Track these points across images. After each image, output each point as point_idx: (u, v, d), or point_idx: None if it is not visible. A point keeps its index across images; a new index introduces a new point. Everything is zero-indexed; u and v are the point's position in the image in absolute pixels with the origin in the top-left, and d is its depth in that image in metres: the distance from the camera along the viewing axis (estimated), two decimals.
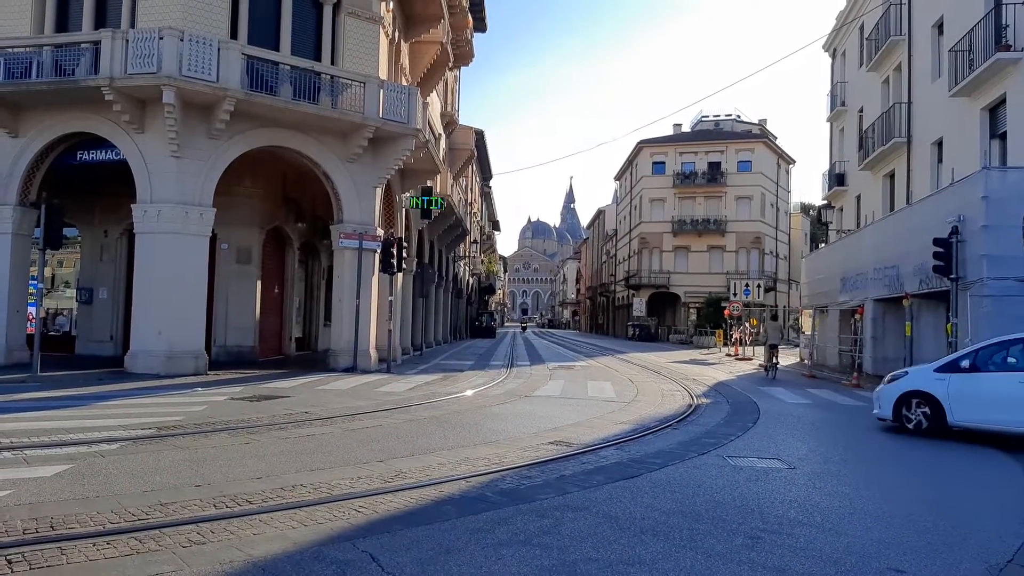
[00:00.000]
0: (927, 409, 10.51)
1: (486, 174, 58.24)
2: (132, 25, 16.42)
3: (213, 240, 17.08)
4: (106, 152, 16.42)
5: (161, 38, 14.66)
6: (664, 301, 59.04)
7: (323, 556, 4.80)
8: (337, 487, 6.44)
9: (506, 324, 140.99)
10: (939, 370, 10.50)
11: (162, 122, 15.36)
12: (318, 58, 18.11)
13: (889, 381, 11.14)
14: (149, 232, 15.64)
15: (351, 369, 17.57)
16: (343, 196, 18.07)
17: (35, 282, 16.76)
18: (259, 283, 20.73)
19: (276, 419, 9.94)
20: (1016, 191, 13.96)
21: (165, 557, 4.72)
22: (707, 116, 68.03)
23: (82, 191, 19.71)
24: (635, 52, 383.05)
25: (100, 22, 16.91)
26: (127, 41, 14.81)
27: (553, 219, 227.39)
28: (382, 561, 4.74)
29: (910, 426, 10.66)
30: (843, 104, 31.51)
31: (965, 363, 10.18)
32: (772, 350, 20.81)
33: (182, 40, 14.73)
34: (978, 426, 10.05)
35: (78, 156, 16.76)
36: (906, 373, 11.00)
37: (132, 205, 15.83)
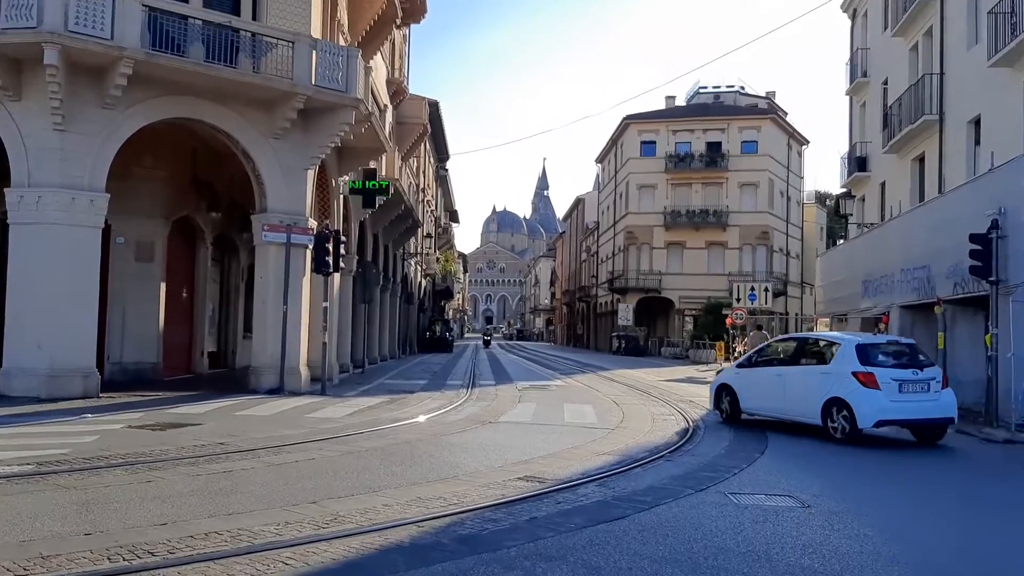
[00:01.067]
0: (731, 399, 14.71)
1: (442, 154, 58.28)
2: None
3: (106, 233, 16.83)
4: None
5: None
6: (655, 307, 59.70)
7: None
8: (260, 535, 6.38)
9: (467, 335, 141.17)
10: (739, 366, 14.68)
11: (43, 88, 15.08)
12: (236, 12, 18.00)
13: (716, 374, 15.32)
14: (26, 223, 15.35)
15: (277, 391, 17.49)
16: (267, 179, 17.96)
17: None
18: (163, 285, 20.54)
19: (185, 452, 9.87)
20: None
21: None
22: (705, 87, 68.93)
23: None
24: (626, 11, 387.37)
25: None
26: None
27: (523, 209, 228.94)
28: None
29: (721, 416, 14.99)
30: (864, 75, 32.18)
31: (753, 359, 14.34)
32: None
33: None
34: (756, 413, 14.52)
35: None
36: (723, 369, 15.18)
37: (5, 190, 15.53)
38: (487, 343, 71.39)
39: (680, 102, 69.06)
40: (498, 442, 11.65)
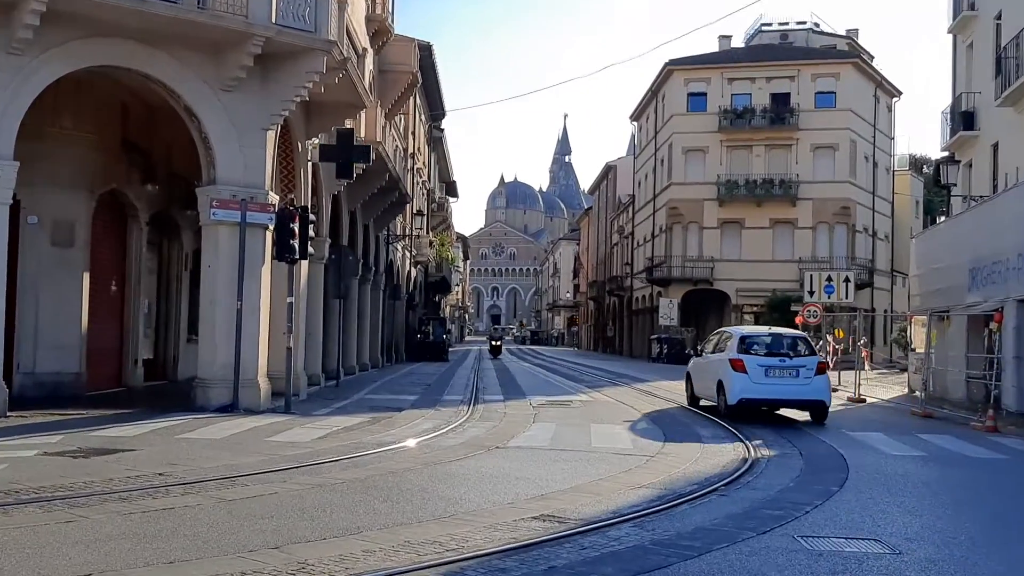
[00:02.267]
0: (689, 386, 21.07)
1: (436, 110, 58.33)
2: None
3: (15, 210, 16.87)
4: None
5: None
6: (705, 303, 59.65)
7: None
8: None
9: (468, 338, 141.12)
10: (696, 355, 20.31)
11: None
12: None
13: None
14: None
15: (230, 408, 17.53)
16: (216, 143, 17.96)
17: None
18: (87, 276, 20.56)
19: (114, 485, 9.86)
20: None
21: None
22: (769, 25, 68.66)
23: None
24: None
25: None
26: None
27: (539, 179, 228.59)
28: None
29: (687, 403, 21.69)
30: (972, 7, 31.98)
31: (700, 350, 20.04)
32: None
33: None
34: (701, 396, 20.71)
35: None
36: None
37: None
38: (495, 351, 59.92)
39: (737, 43, 68.89)
40: (507, 472, 11.66)
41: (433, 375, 35.54)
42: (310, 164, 22.70)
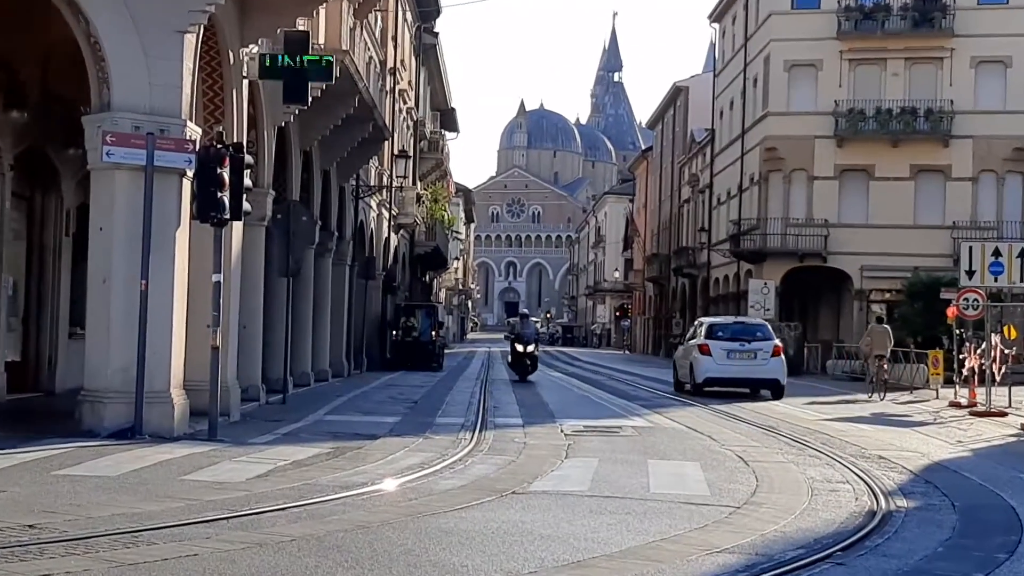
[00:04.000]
0: (674, 373, 36.87)
1: (428, 5, 58.30)
2: None
3: None
4: None
5: None
6: (817, 286, 59.71)
7: None
8: None
9: (471, 335, 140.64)
10: (681, 344, 37.45)
11: None
12: None
13: None
14: None
15: (130, 432, 17.51)
16: (111, 50, 17.90)
17: None
18: None
19: None
20: None
21: None
22: None
23: None
24: None
25: None
26: None
27: (575, 108, 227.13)
28: None
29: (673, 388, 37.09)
30: None
31: (680, 339, 40.50)
32: (879, 362, 34.73)
33: None
34: (682, 380, 35.56)
35: None
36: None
37: None
38: (522, 363, 43.79)
39: None
40: (528, 528, 11.58)
41: (421, 388, 35.52)
42: (246, 83, 22.64)
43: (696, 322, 39.05)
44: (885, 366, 35.79)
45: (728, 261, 67.21)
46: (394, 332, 54.47)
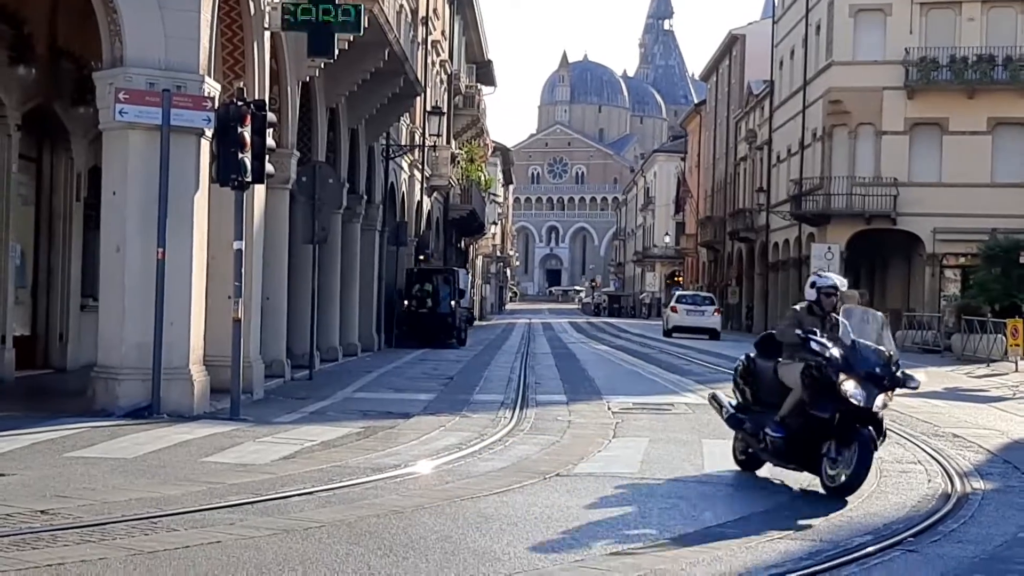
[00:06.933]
0: (665, 327, 67.49)
1: None
2: None
3: None
4: None
5: None
6: (885, 250, 60.25)
7: None
8: None
9: (509, 305, 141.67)
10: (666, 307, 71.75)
11: None
12: None
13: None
14: None
15: (148, 411, 17.58)
16: (124, 2, 17.81)
17: None
18: None
19: None
20: None
21: None
22: None
23: None
24: None
25: None
26: None
27: (623, 59, 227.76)
28: None
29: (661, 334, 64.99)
30: None
31: (671, 304, 69.29)
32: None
33: None
34: (673, 333, 64.04)
35: None
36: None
37: None
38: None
39: None
40: (574, 513, 11.63)
41: (457, 363, 35.85)
42: (268, 36, 22.58)
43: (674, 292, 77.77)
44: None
45: (789, 224, 67.00)
46: (405, 302, 49.99)
